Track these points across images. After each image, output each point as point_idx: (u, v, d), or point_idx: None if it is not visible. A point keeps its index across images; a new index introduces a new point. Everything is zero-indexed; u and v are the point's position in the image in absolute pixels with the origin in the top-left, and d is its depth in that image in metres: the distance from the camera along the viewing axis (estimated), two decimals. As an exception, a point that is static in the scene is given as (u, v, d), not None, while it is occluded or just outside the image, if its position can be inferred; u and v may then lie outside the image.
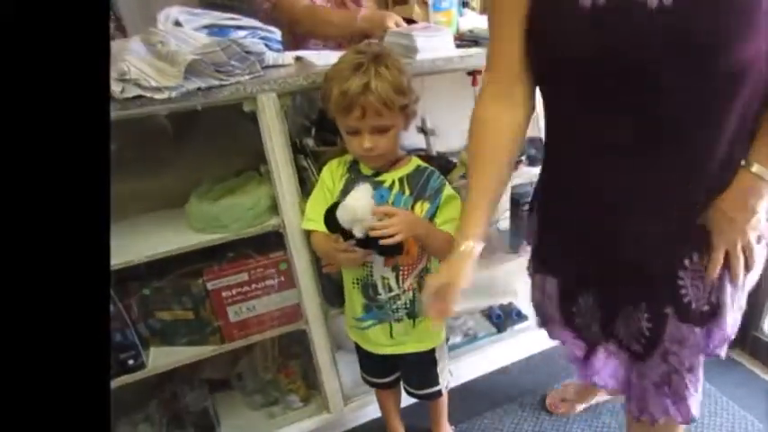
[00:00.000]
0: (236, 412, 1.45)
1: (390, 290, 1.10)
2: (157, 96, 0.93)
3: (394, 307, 1.11)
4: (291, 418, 1.42)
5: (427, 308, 0.81)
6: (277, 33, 1.20)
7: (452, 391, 1.41)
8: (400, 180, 1.06)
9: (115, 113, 0.92)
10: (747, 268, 0.80)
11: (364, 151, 0.99)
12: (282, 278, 1.22)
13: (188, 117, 1.26)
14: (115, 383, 1.15)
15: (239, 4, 1.67)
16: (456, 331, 1.66)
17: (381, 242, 0.95)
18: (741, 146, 0.73)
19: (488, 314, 1.73)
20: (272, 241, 1.22)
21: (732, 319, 0.83)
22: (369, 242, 1.00)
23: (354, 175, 1.08)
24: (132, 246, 1.10)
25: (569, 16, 0.68)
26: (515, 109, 0.81)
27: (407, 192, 1.05)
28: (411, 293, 1.10)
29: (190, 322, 1.20)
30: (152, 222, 1.22)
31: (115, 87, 0.90)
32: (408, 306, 1.11)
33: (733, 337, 0.85)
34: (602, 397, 1.51)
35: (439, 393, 1.28)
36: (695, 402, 0.89)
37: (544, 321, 1.05)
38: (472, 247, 0.78)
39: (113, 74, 0.90)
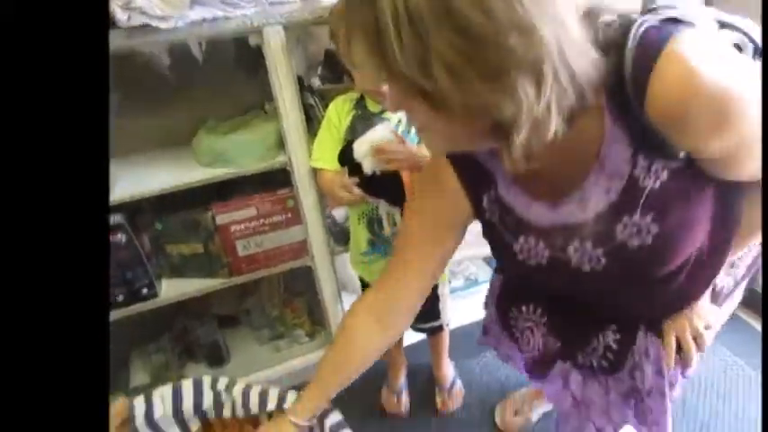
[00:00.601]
0: (245, 346, 1.52)
1: (395, 224, 1.12)
2: (163, 26, 0.93)
3: (398, 242, 1.14)
4: (297, 351, 1.48)
5: None
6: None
7: (453, 332, 1.45)
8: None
9: (121, 42, 0.93)
10: (699, 350, 0.82)
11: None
12: (289, 215, 1.25)
13: (191, 57, 1.26)
14: (129, 311, 1.20)
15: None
16: (458, 276, 1.71)
17: (378, 170, 0.98)
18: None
19: (489, 260, 1.76)
20: (279, 179, 1.24)
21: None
22: (372, 181, 1.02)
23: (361, 112, 1.08)
24: (143, 180, 1.13)
25: (518, 267, 0.75)
26: (387, 333, 0.84)
27: (413, 130, 1.06)
28: (414, 229, 1.13)
29: (200, 256, 1.24)
30: (161, 158, 1.25)
31: (121, 15, 0.90)
32: (412, 241, 1.14)
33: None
34: None
35: (441, 328, 1.33)
36: None
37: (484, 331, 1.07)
38: (293, 424, 0.83)
39: (119, 2, 0.90)
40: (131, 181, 1.13)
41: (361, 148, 1.00)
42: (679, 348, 0.81)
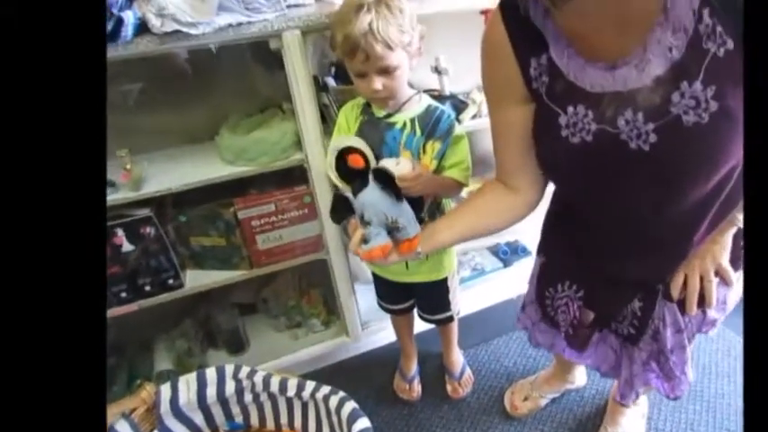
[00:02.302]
0: (263, 334, 1.58)
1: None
2: (193, 32, 0.98)
3: (409, 238, 1.19)
4: (313, 339, 1.54)
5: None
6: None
7: (462, 320, 1.51)
8: (411, 121, 1.08)
9: (154, 47, 0.99)
10: (704, 303, 0.81)
11: (373, 93, 1.02)
12: (306, 210, 1.31)
13: (211, 56, 1.31)
14: (157, 300, 1.27)
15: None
16: (465, 266, 1.76)
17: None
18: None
19: (495, 250, 1.81)
20: (297, 176, 1.29)
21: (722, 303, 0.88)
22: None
23: (368, 117, 1.10)
24: (169, 175, 1.19)
25: (561, 148, 0.74)
26: (516, 194, 0.89)
27: (419, 132, 1.08)
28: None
29: (223, 248, 1.30)
30: (185, 155, 1.31)
31: (155, 22, 0.95)
32: (423, 237, 1.19)
33: (721, 319, 0.92)
34: (570, 384, 1.42)
35: (451, 318, 1.38)
36: (681, 384, 0.96)
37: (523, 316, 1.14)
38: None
39: (152, 9, 0.95)
40: (158, 177, 1.19)
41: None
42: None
